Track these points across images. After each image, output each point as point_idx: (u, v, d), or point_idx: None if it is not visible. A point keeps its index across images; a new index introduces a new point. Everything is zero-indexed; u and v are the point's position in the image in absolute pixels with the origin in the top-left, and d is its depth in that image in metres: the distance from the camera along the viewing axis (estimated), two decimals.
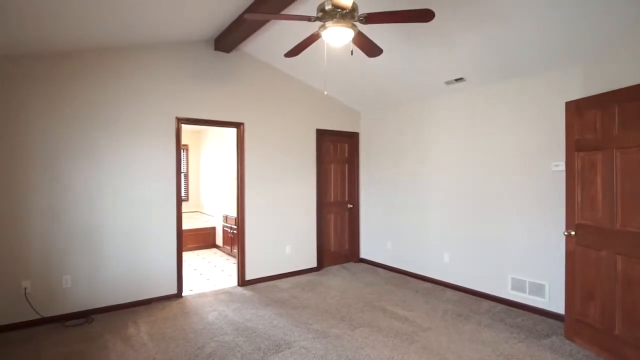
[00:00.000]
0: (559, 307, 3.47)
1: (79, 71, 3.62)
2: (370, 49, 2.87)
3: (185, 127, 7.42)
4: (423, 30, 3.34)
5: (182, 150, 8.08)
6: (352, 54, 2.57)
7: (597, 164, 2.86)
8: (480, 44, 3.38)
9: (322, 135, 5.43)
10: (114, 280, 3.79)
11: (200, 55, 4.32)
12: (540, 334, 3.23)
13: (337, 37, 2.51)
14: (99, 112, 3.72)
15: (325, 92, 3.98)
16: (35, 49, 3.35)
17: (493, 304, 3.97)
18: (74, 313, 3.58)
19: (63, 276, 3.54)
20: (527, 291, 3.75)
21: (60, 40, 3.30)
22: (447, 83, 4.29)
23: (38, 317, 3.41)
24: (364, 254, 5.85)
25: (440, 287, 4.54)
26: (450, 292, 4.36)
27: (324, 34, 2.51)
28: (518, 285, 3.83)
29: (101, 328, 3.36)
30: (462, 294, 4.31)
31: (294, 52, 2.96)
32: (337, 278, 4.98)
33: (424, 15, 2.32)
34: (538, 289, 3.67)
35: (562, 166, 3.44)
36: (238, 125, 4.64)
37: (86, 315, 3.62)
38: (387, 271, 5.32)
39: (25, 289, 3.37)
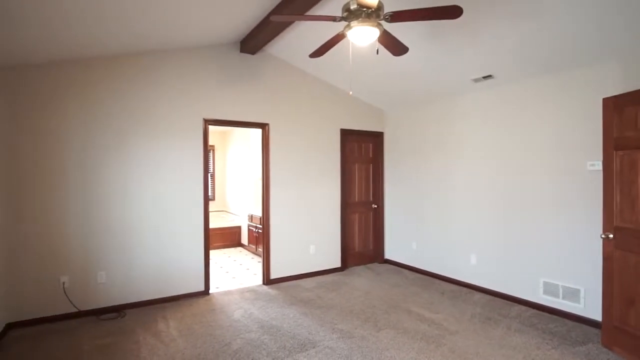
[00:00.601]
0: (596, 313, 3.32)
1: (113, 75, 3.77)
2: (396, 47, 2.83)
3: (211, 128, 7.59)
4: (450, 27, 3.27)
5: (209, 151, 8.31)
6: (377, 53, 2.55)
7: (639, 163, 2.71)
8: (510, 40, 3.27)
9: (347, 135, 5.42)
10: (145, 276, 3.92)
11: (226, 57, 4.40)
12: (575, 340, 3.10)
13: (363, 36, 2.50)
14: (130, 114, 3.86)
15: (351, 92, 3.97)
16: (75, 55, 3.51)
17: (523, 308, 3.84)
18: (108, 307, 3.73)
19: (98, 272, 3.70)
20: (561, 296, 3.60)
21: (96, 47, 3.45)
22: (475, 80, 4.18)
23: (75, 310, 3.58)
24: (388, 254, 5.80)
25: (468, 290, 4.43)
26: (478, 295, 4.25)
27: (349, 33, 2.50)
28: (550, 290, 3.69)
29: (133, 322, 3.49)
30: (491, 297, 4.19)
31: (318, 52, 2.97)
32: (362, 278, 4.95)
33: (452, 12, 2.28)
34: (572, 294, 3.52)
35: (598, 165, 3.28)
36: (263, 126, 4.70)
37: (119, 310, 3.76)
38: (412, 272, 5.24)
39: (64, 283, 3.55)
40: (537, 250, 3.81)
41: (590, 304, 3.39)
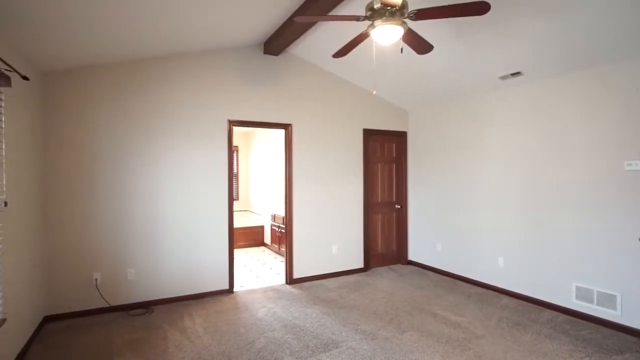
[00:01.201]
0: (634, 321, 3.16)
1: (140, 78, 3.90)
2: (421, 46, 2.79)
3: (234, 129, 7.72)
4: (476, 23, 3.19)
5: (232, 151, 8.44)
6: (402, 51, 2.52)
7: None
8: (541, 35, 3.16)
9: (369, 135, 5.38)
10: (171, 274, 4.03)
11: (250, 59, 4.46)
12: (611, 349, 2.95)
13: (387, 35, 2.48)
14: (156, 116, 3.97)
15: (374, 92, 3.94)
16: (103, 60, 3.65)
17: (555, 313, 3.70)
18: (136, 303, 3.86)
19: (127, 269, 3.83)
20: (595, 301, 3.45)
21: (123, 51, 3.57)
22: (502, 78, 4.06)
23: (107, 305, 3.72)
24: (412, 256, 5.71)
25: (495, 293, 4.31)
26: (505, 299, 4.12)
27: (373, 32, 2.48)
28: (584, 295, 3.53)
29: (160, 319, 3.59)
30: (519, 301, 4.06)
31: (342, 52, 2.97)
32: (385, 279, 4.91)
33: (479, 8, 2.22)
34: (608, 300, 3.36)
35: (636, 165, 3.12)
36: (286, 127, 4.73)
37: (147, 306, 3.88)
38: (436, 274, 5.15)
39: (96, 279, 3.69)
40: (570, 253, 3.66)
41: (628, 311, 3.22)
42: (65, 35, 2.89)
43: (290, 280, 4.71)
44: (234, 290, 4.44)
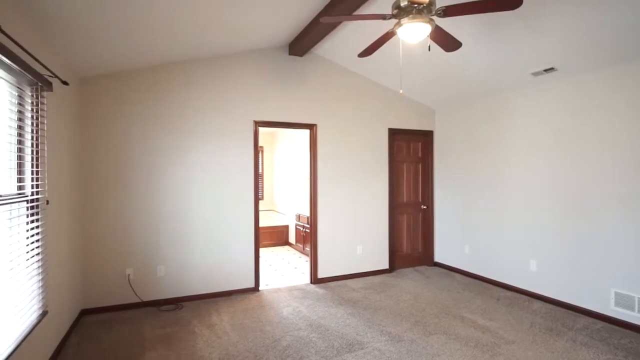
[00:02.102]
0: None
1: (171, 81, 4.02)
2: (449, 43, 2.74)
3: (260, 130, 7.83)
4: (507, 18, 3.09)
5: (258, 152, 8.57)
6: (429, 49, 2.48)
7: None
8: (577, 28, 3.02)
9: (395, 135, 5.33)
10: (199, 271, 4.14)
11: (275, 60, 4.51)
12: None
13: (414, 33, 2.44)
14: (186, 118, 4.08)
15: (401, 91, 3.90)
16: (138, 65, 3.79)
17: (591, 320, 3.53)
18: (166, 299, 3.98)
19: (158, 266, 3.96)
20: (636, 309, 3.27)
21: (157, 56, 3.70)
22: (535, 74, 3.92)
23: (138, 300, 3.86)
24: (438, 257, 5.61)
25: (526, 298, 4.16)
26: (537, 304, 3.97)
27: (400, 31, 2.45)
28: (624, 301, 3.36)
29: (189, 315, 3.69)
30: (553, 306, 3.90)
31: (367, 51, 2.95)
32: (410, 281, 4.84)
33: (510, 3, 2.15)
34: None
35: None
36: (311, 127, 4.76)
37: (176, 302, 4.00)
38: (464, 277, 5.03)
39: (129, 275, 3.84)
40: (608, 257, 3.48)
41: None
42: (104, 43, 3.03)
43: (315, 279, 4.73)
44: (260, 288, 4.50)
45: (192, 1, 2.72)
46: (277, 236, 7.35)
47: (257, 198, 4.45)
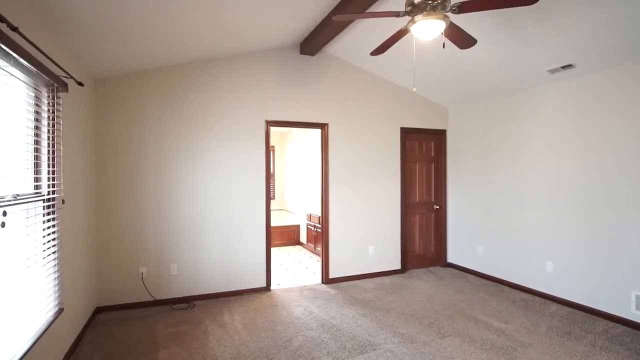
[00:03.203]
0: None
1: (183, 82, 4.05)
2: (463, 40, 2.69)
3: (271, 130, 7.85)
4: (523, 14, 3.02)
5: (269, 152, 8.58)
6: (444, 46, 2.43)
7: None
8: (596, 23, 2.93)
9: (407, 134, 5.27)
10: (211, 270, 4.16)
11: (286, 60, 4.51)
12: None
13: (427, 30, 2.40)
14: (198, 118, 4.11)
15: (415, 89, 3.85)
16: (155, 66, 3.82)
17: (611, 324, 3.43)
18: (179, 298, 4.01)
19: (170, 264, 4.00)
20: None
21: (170, 58, 3.73)
22: (551, 71, 3.82)
23: (151, 299, 3.90)
24: (451, 258, 5.53)
25: (542, 300, 4.07)
26: (554, 306, 3.88)
27: (413, 28, 2.42)
28: None
29: (202, 314, 3.71)
30: (570, 309, 3.80)
31: (380, 49, 2.92)
32: (423, 282, 4.78)
33: None
34: None
35: None
36: (322, 126, 4.74)
37: (189, 301, 4.03)
38: (478, 278, 4.95)
39: (142, 274, 3.88)
40: (629, 259, 3.38)
41: None
42: (118, 44, 3.06)
43: (326, 279, 4.71)
44: (271, 288, 4.50)
45: (206, 3, 2.73)
46: (289, 236, 7.35)
47: (269, 197, 4.46)
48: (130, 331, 3.30)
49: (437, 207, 5.53)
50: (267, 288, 4.42)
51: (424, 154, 5.47)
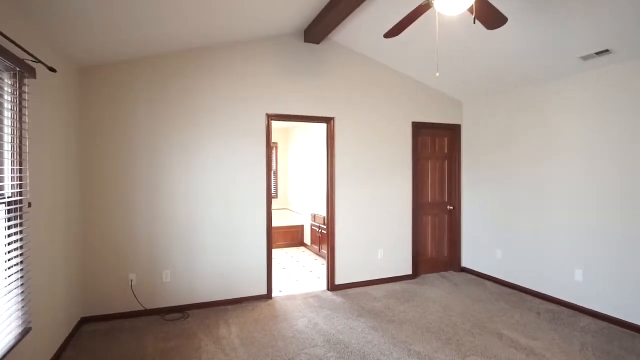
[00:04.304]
0: None
1: (177, 72, 3.70)
2: (493, 18, 2.31)
3: (274, 125, 7.49)
4: None
5: (272, 148, 8.23)
6: (474, 22, 2.06)
7: None
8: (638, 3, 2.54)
9: (419, 129, 4.89)
10: (207, 277, 3.82)
11: (289, 48, 4.14)
12: None
13: (453, 5, 2.04)
14: (193, 112, 3.76)
15: (438, 74, 3.50)
16: (146, 54, 3.48)
17: None
18: (172, 307, 3.68)
19: (163, 271, 3.67)
20: None
21: (162, 45, 3.38)
22: (584, 58, 3.43)
23: (141, 308, 3.57)
24: (466, 262, 5.16)
25: (570, 312, 3.69)
26: (585, 320, 3.50)
27: (437, 2, 2.05)
28: None
29: (196, 325, 3.38)
30: (604, 323, 3.43)
31: (395, 30, 2.55)
32: (437, 289, 4.42)
33: None
34: None
35: None
36: (328, 121, 4.37)
37: (183, 310, 3.70)
38: (496, 285, 4.57)
39: (132, 281, 3.55)
40: None
41: None
42: (103, 29, 2.72)
43: (332, 286, 4.36)
44: (273, 295, 4.16)
45: None
46: (292, 237, 7.01)
47: (270, 197, 4.11)
48: (116, 347, 2.98)
49: (451, 207, 5.15)
50: (269, 296, 4.08)
51: (437, 151, 5.09)
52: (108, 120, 3.48)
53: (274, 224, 6.88)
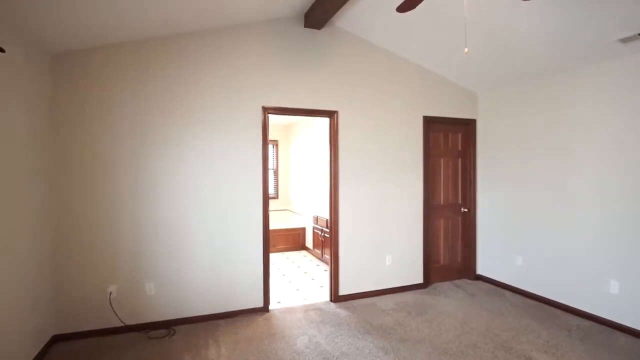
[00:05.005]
0: None
1: (163, 59, 3.31)
2: None
3: (273, 122, 7.10)
4: None
5: (272, 146, 7.83)
6: None
7: None
8: None
9: (430, 124, 4.47)
10: (196, 288, 3.43)
11: (288, 34, 3.74)
12: None
13: None
14: (182, 103, 3.37)
15: (466, 50, 3.09)
16: (123, 38, 3.08)
17: None
18: (156, 322, 3.29)
19: (147, 282, 3.28)
20: None
21: (147, 27, 2.98)
22: (623, 41, 2.99)
23: (121, 324, 3.18)
24: (482, 269, 4.73)
25: (605, 328, 3.27)
26: (623, 338, 3.08)
27: None
28: None
29: (182, 345, 2.99)
30: None
31: (408, 3, 2.13)
32: (452, 300, 4.00)
33: None
34: None
35: None
36: (331, 114, 3.96)
37: (169, 326, 3.31)
38: (517, 295, 4.14)
39: (110, 294, 3.17)
40: None
41: None
42: (74, 10, 2.32)
43: (336, 297, 3.96)
44: (270, 307, 3.76)
45: None
46: (293, 240, 6.61)
47: (267, 199, 3.71)
48: None
49: (465, 209, 4.73)
50: (265, 308, 3.68)
51: (449, 148, 4.66)
52: (86, 112, 3.09)
53: (274, 226, 6.49)
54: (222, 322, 3.44)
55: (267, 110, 3.69)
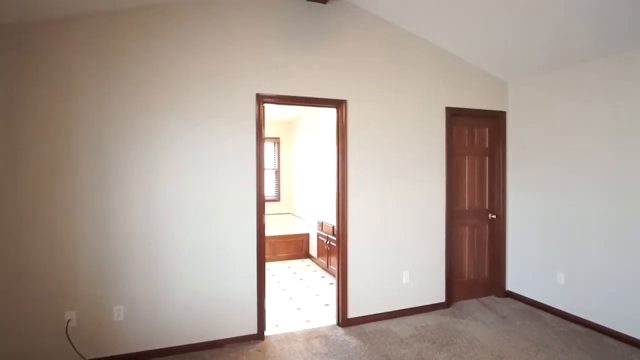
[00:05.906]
0: None
1: (137, 36, 2.73)
2: None
3: (275, 117, 6.51)
4: None
5: (273, 144, 7.23)
6: None
7: None
8: None
9: (454, 117, 3.85)
10: (176, 313, 2.84)
11: (287, 8, 3.14)
12: None
13: None
14: (160, 90, 2.78)
15: None
16: (94, 10, 2.51)
17: None
18: (125, 356, 2.70)
19: (114, 306, 2.69)
20: None
21: None
22: None
23: None
24: (512, 285, 4.09)
25: None
26: None
27: None
28: None
29: None
30: None
31: None
32: (481, 325, 3.37)
33: None
34: None
35: None
36: (338, 104, 3.36)
37: None
38: (558, 319, 3.50)
39: (69, 321, 2.58)
40: None
41: None
42: None
43: (344, 320, 3.35)
44: (265, 334, 3.16)
45: None
46: (295, 247, 6.01)
47: (262, 204, 3.11)
48: None
49: (494, 216, 4.09)
50: (260, 335, 3.08)
51: (475, 144, 4.03)
52: (39, 99, 2.52)
53: (275, 231, 5.90)
54: (207, 353, 2.85)
55: (262, 99, 3.09)
